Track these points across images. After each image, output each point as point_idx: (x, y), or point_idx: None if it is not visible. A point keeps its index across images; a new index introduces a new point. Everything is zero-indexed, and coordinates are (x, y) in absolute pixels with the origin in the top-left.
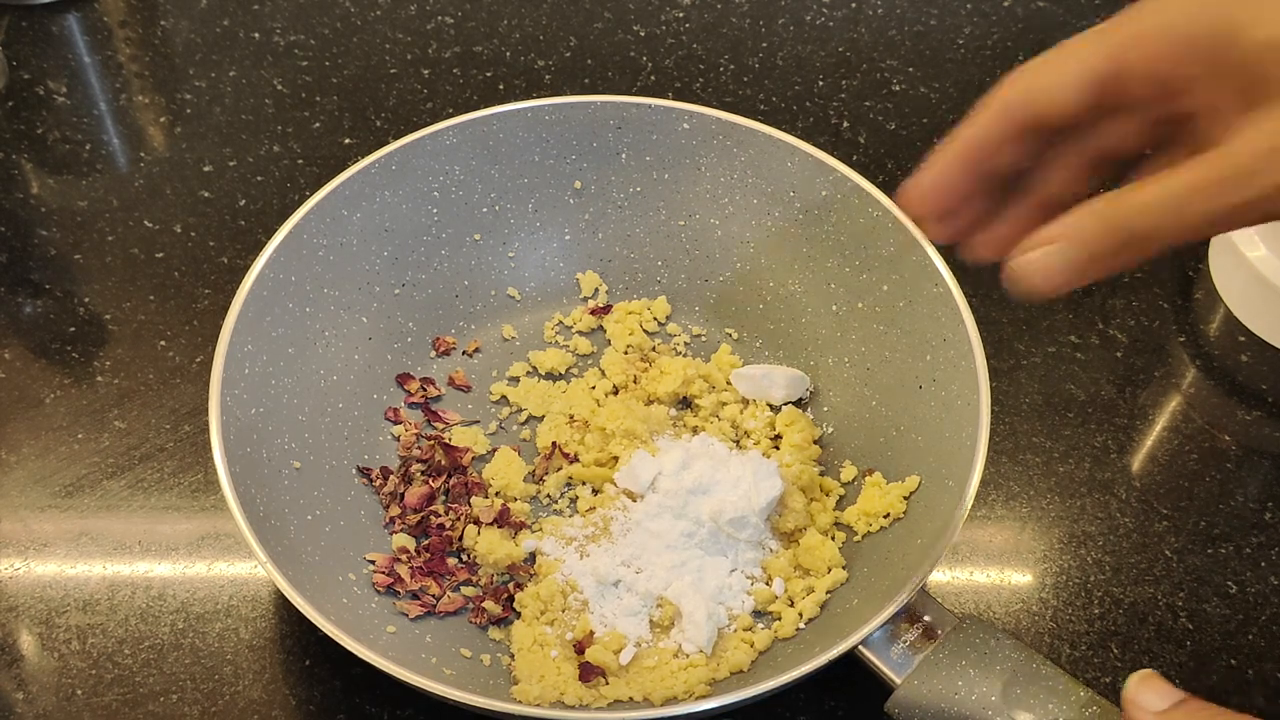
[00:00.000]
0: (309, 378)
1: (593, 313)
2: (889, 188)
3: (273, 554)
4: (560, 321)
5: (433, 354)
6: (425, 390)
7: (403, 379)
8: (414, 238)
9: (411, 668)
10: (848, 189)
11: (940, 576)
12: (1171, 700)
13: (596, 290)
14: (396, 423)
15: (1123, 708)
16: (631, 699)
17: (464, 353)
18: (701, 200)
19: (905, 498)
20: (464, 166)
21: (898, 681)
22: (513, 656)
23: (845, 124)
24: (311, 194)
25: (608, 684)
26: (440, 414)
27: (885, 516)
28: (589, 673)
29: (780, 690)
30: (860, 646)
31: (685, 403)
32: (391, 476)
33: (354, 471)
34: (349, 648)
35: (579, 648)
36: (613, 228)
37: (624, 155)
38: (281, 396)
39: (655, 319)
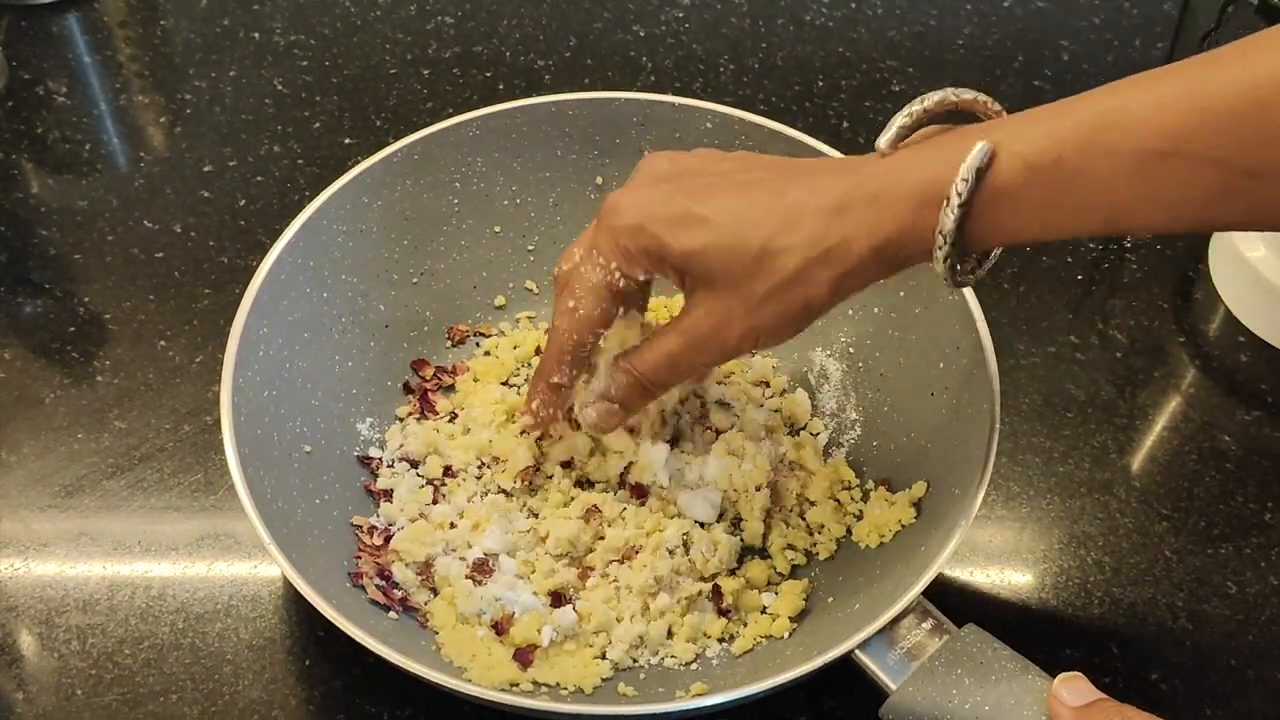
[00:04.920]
0: (324, 363)
1: None
2: None
3: (277, 536)
4: None
5: (448, 343)
6: (439, 379)
7: (418, 365)
8: (434, 227)
9: (407, 654)
10: None
11: (939, 576)
12: (1089, 699)
13: None
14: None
15: (1048, 703)
16: (559, 684)
17: (478, 343)
18: None
19: (914, 504)
20: (486, 158)
21: (893, 687)
22: (436, 632)
23: (845, 124)
24: (312, 194)
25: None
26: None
27: (898, 521)
28: (525, 656)
29: (777, 690)
30: (857, 650)
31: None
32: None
33: (355, 459)
34: (346, 630)
35: (499, 628)
36: None
37: (646, 152)
38: (295, 380)
39: (671, 317)
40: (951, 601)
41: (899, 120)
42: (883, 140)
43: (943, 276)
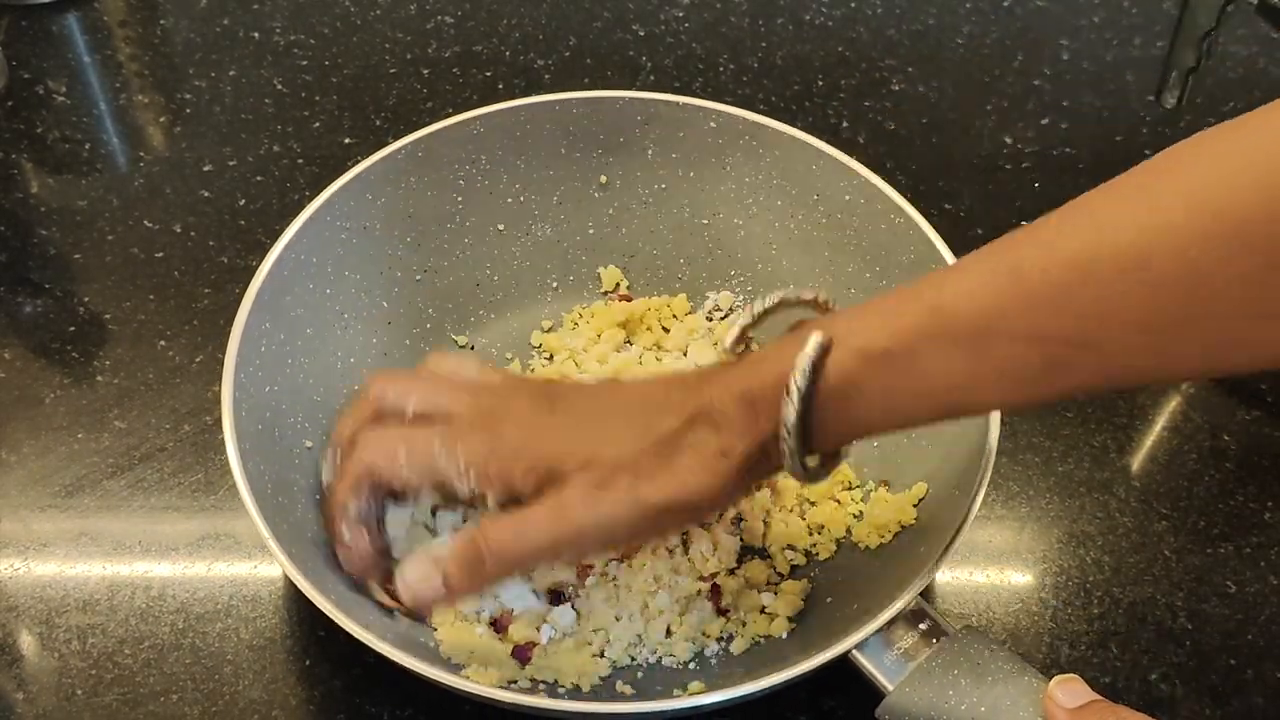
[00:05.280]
0: (326, 359)
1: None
2: None
3: (276, 531)
4: (580, 314)
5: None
6: None
7: None
8: (437, 225)
9: (406, 651)
10: (870, 194)
11: (939, 577)
12: (1084, 700)
13: (618, 284)
14: None
15: (1043, 705)
16: (557, 681)
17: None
18: (726, 199)
19: (914, 504)
20: (490, 156)
21: (889, 688)
22: (435, 629)
23: (844, 124)
24: (312, 194)
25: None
26: None
27: (898, 522)
28: (524, 654)
29: (774, 689)
30: (854, 651)
31: None
32: None
33: None
34: (343, 624)
35: (498, 625)
36: (636, 223)
37: (650, 151)
38: (297, 376)
39: (675, 315)
40: (950, 601)
41: (740, 321)
42: (726, 341)
43: (790, 470)
